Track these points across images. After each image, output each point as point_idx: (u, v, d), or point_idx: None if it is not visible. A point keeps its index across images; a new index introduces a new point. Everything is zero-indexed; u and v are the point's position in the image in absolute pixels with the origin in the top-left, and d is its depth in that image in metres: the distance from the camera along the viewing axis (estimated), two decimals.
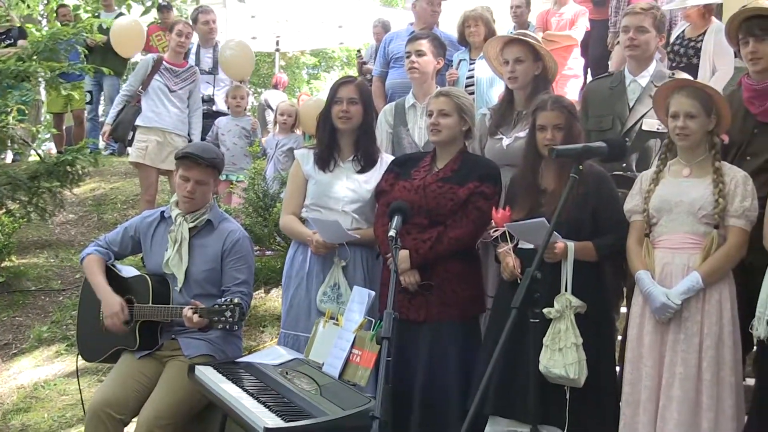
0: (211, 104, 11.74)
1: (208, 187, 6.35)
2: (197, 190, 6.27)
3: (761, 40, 5.98)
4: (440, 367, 5.90)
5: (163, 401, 5.97)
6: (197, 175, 6.26)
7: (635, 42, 6.60)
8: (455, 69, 9.74)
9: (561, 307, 5.55)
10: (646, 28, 6.60)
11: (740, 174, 5.56)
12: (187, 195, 6.26)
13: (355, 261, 6.35)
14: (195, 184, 6.25)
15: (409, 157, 6.53)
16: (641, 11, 6.69)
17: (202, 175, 6.28)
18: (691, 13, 9.05)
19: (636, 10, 6.75)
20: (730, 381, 5.41)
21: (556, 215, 4.93)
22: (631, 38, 6.61)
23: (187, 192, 6.26)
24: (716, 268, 5.45)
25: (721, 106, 5.63)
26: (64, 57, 12.02)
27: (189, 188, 6.25)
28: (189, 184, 6.25)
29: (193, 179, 6.24)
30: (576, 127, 5.88)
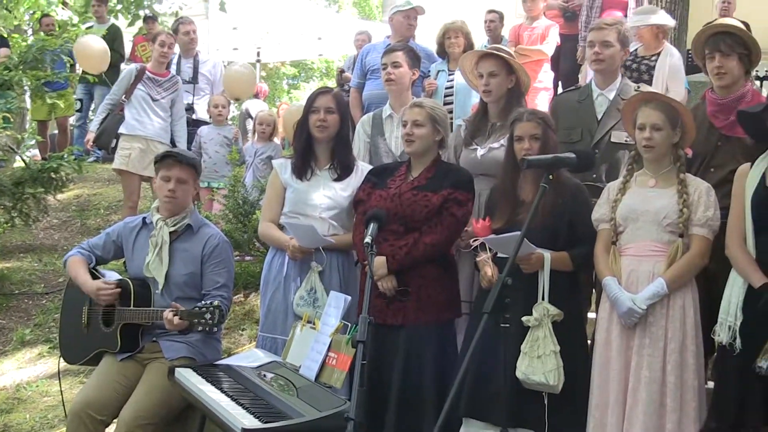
0: (191, 113, 11.73)
1: (188, 186, 6.36)
2: (178, 188, 6.27)
3: (726, 56, 6.07)
4: (416, 369, 5.92)
5: (143, 403, 5.95)
6: (178, 173, 6.27)
7: (600, 56, 6.66)
8: (434, 79, 9.79)
9: (539, 316, 5.61)
10: (610, 43, 6.65)
11: (704, 185, 5.64)
12: (169, 194, 6.27)
13: (331, 266, 6.36)
14: (176, 182, 6.26)
15: (385, 167, 6.55)
16: (606, 26, 6.76)
17: (182, 173, 6.29)
18: (644, 33, 9.10)
19: (601, 25, 6.83)
20: (693, 384, 5.49)
21: (526, 224, 4.98)
22: (597, 53, 6.66)
23: (169, 191, 6.26)
24: (680, 275, 5.51)
25: (686, 119, 5.71)
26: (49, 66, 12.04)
27: (171, 186, 6.25)
28: (170, 183, 6.25)
29: (174, 178, 6.25)
30: (552, 137, 5.94)
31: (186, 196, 6.37)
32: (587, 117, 6.61)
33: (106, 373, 6.18)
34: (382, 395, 5.91)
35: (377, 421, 5.91)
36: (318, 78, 35.90)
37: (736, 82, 6.17)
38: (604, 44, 6.65)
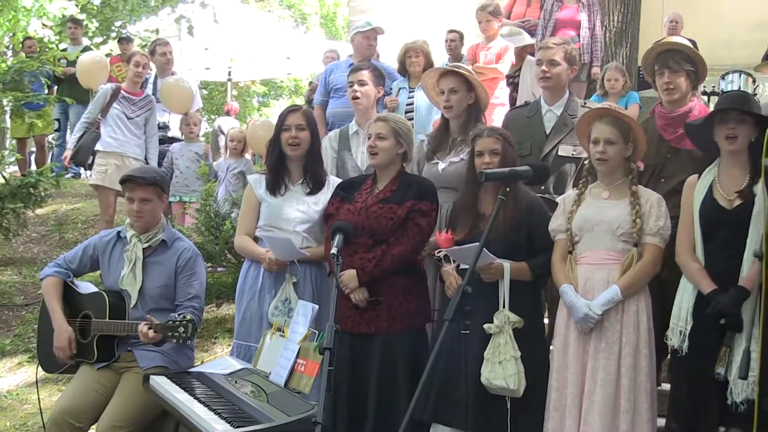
0: (166, 130, 11.79)
1: (153, 203, 6.34)
2: (143, 208, 6.27)
3: (675, 72, 6.15)
4: (392, 376, 5.93)
5: (119, 410, 5.97)
6: (140, 194, 6.26)
7: (548, 74, 6.71)
8: (395, 96, 9.81)
9: (500, 323, 5.63)
10: (557, 62, 6.70)
11: (655, 196, 5.69)
12: (135, 214, 6.28)
13: (305, 277, 6.35)
14: (140, 202, 6.26)
15: (352, 181, 6.55)
16: (553, 45, 6.83)
17: (144, 194, 6.28)
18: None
19: (548, 44, 6.90)
20: (645, 386, 5.53)
21: (484, 235, 4.99)
22: (544, 71, 6.71)
23: (135, 211, 6.28)
24: (633, 282, 5.55)
25: (638, 133, 5.76)
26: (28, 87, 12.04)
27: (135, 207, 6.26)
28: (135, 204, 6.26)
29: (137, 199, 6.25)
30: (511, 153, 5.97)
31: (153, 213, 6.36)
32: (536, 132, 6.65)
33: (84, 382, 6.17)
34: (360, 402, 5.94)
35: (356, 427, 5.93)
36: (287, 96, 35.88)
37: (684, 97, 6.25)
38: (551, 63, 6.70)
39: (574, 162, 6.41)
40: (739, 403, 5.13)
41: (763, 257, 4.92)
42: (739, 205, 5.39)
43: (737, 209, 5.39)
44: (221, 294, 8.79)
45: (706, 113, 6.06)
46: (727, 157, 5.53)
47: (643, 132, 5.83)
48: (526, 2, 12.38)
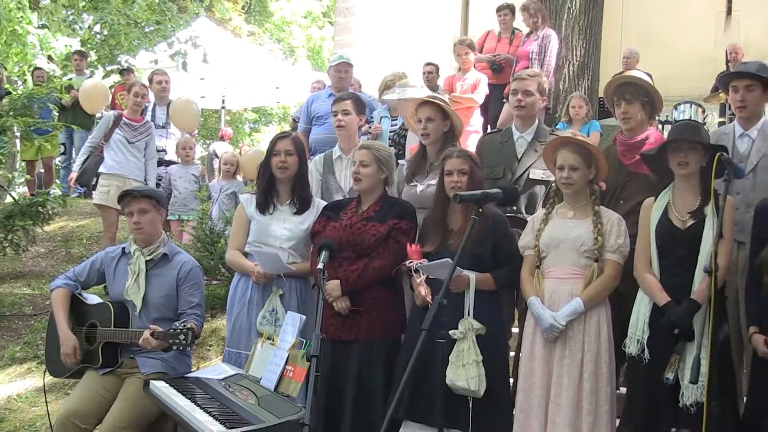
0: (164, 154, 11.81)
1: (151, 214, 6.34)
2: (142, 219, 6.27)
3: (630, 102, 6.21)
4: (368, 379, 5.96)
5: (122, 413, 5.98)
6: (137, 205, 6.27)
7: (522, 103, 6.72)
8: (378, 124, 9.84)
9: (464, 330, 5.64)
10: (531, 92, 6.72)
11: (615, 216, 5.74)
12: (135, 226, 6.28)
13: (290, 290, 6.37)
14: (138, 214, 6.26)
15: (338, 203, 6.59)
16: (528, 77, 6.85)
17: (141, 204, 6.28)
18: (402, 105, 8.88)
19: (523, 76, 6.91)
20: (606, 390, 5.57)
21: (459, 253, 5.03)
22: (519, 100, 6.72)
23: (134, 223, 6.28)
24: (595, 295, 5.59)
25: (599, 159, 5.80)
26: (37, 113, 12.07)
27: (135, 219, 6.27)
28: (134, 216, 6.27)
29: (135, 211, 6.26)
30: (477, 173, 5.99)
31: (152, 224, 6.36)
32: (508, 156, 6.66)
33: (89, 386, 6.18)
34: (338, 402, 5.95)
35: (334, 426, 5.93)
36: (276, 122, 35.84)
37: (640, 126, 6.30)
38: (526, 93, 6.72)
39: (544, 184, 6.43)
40: (689, 405, 5.18)
41: (712, 272, 4.98)
42: (692, 225, 5.44)
43: (690, 229, 5.44)
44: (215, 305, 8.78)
45: (661, 140, 6.13)
46: (680, 182, 5.58)
47: (603, 157, 5.88)
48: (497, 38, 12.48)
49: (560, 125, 10.67)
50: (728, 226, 5.41)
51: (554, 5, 11.57)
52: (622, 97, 6.30)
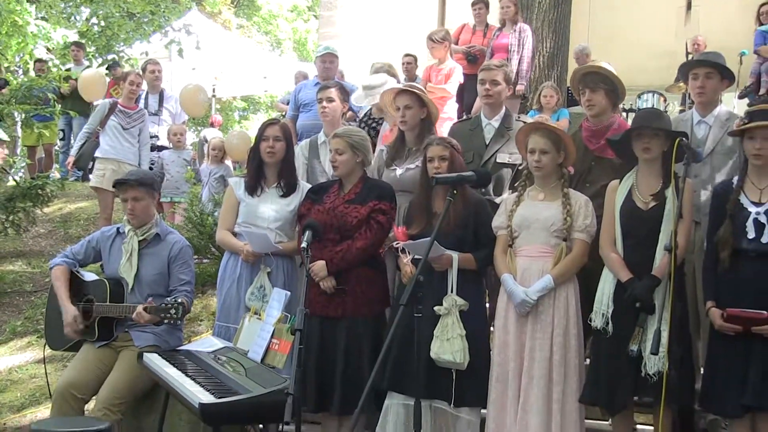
0: (156, 140, 11.76)
1: (145, 201, 6.38)
2: (136, 206, 6.32)
3: (594, 90, 6.23)
4: (355, 353, 5.97)
5: (117, 383, 6.05)
6: (132, 193, 6.31)
7: (490, 92, 6.73)
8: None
9: (448, 306, 5.67)
10: (498, 81, 6.74)
11: (583, 198, 5.76)
12: (130, 212, 6.33)
13: (277, 268, 6.36)
14: (132, 201, 6.31)
15: (321, 186, 6.56)
16: (495, 67, 6.87)
17: (136, 193, 6.33)
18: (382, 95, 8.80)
19: (490, 66, 6.93)
20: (574, 362, 5.60)
21: (435, 231, 5.10)
22: (487, 89, 6.73)
23: (129, 209, 6.33)
24: (564, 272, 5.61)
25: (567, 144, 5.81)
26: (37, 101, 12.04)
27: (129, 206, 6.32)
28: (128, 203, 6.31)
29: (129, 198, 6.31)
30: (458, 159, 5.99)
31: (145, 210, 6.39)
32: (477, 142, 6.67)
33: (86, 359, 6.23)
34: (329, 376, 5.96)
35: (326, 397, 5.96)
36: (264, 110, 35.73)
37: (604, 112, 6.31)
38: (493, 82, 6.73)
39: (510, 167, 6.47)
40: (651, 374, 5.21)
41: (672, 250, 5.00)
42: (654, 207, 5.47)
43: (652, 210, 5.47)
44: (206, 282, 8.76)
45: (625, 127, 6.14)
46: (643, 166, 5.60)
47: (572, 142, 5.89)
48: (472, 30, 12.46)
49: (532, 113, 10.69)
50: (687, 207, 5.45)
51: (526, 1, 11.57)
52: (586, 86, 6.31)
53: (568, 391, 5.54)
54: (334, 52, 10.30)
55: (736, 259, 5.32)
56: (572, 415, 5.54)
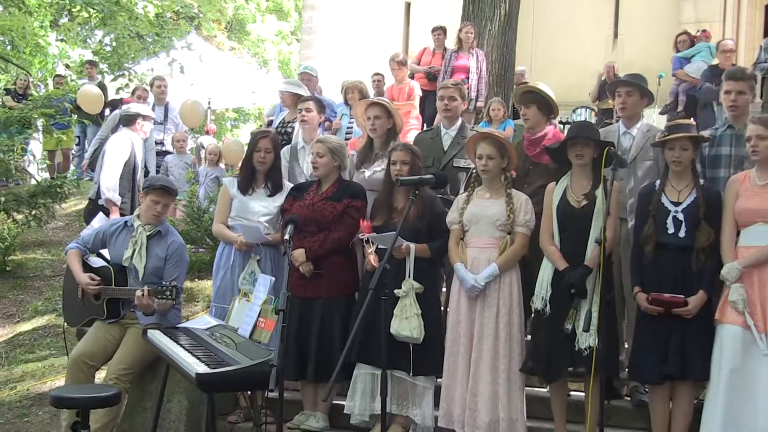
0: (161, 145, 11.73)
1: (169, 207, 6.47)
2: (164, 211, 6.34)
3: (528, 106, 6.33)
4: (328, 329, 6.01)
5: (125, 357, 6.10)
6: (166, 200, 6.32)
7: (448, 107, 6.73)
8: (339, 119, 10.00)
9: (406, 288, 5.69)
10: (455, 97, 6.75)
11: (523, 197, 5.78)
12: (156, 214, 6.27)
13: (266, 256, 6.36)
14: (163, 206, 6.29)
15: (302, 185, 6.57)
16: (452, 86, 6.90)
17: (169, 200, 6.38)
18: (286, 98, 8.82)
19: (448, 85, 6.97)
20: (517, 337, 5.65)
21: (400, 226, 5.10)
22: (445, 104, 6.74)
23: (158, 212, 6.27)
24: (508, 261, 5.63)
25: (511, 151, 5.84)
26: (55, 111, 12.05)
27: (159, 209, 6.27)
28: (159, 206, 6.26)
29: (162, 203, 6.27)
30: (418, 163, 6.01)
31: (166, 214, 6.46)
32: (437, 149, 6.67)
33: (96, 333, 6.25)
34: (305, 349, 6.00)
35: (302, 368, 6.01)
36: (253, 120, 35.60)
37: (538, 125, 6.36)
38: (450, 98, 6.74)
39: (465, 171, 6.46)
40: (583, 349, 5.25)
41: (601, 243, 5.05)
42: (585, 205, 5.49)
43: (584, 208, 5.49)
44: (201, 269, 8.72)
45: (558, 137, 6.26)
46: (576, 170, 5.61)
47: (514, 150, 5.93)
48: (432, 53, 12.49)
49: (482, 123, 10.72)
50: (614, 206, 5.48)
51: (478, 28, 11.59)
52: (522, 103, 6.41)
53: (512, 363, 5.57)
54: (311, 71, 10.42)
55: (658, 251, 5.35)
56: (516, 384, 5.58)
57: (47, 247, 10.97)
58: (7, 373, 7.84)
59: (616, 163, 5.32)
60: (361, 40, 19.24)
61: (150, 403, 6.26)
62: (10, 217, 10.24)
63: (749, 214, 5.17)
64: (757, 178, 5.24)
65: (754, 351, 5.01)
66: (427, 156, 6.53)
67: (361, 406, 5.88)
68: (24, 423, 6.95)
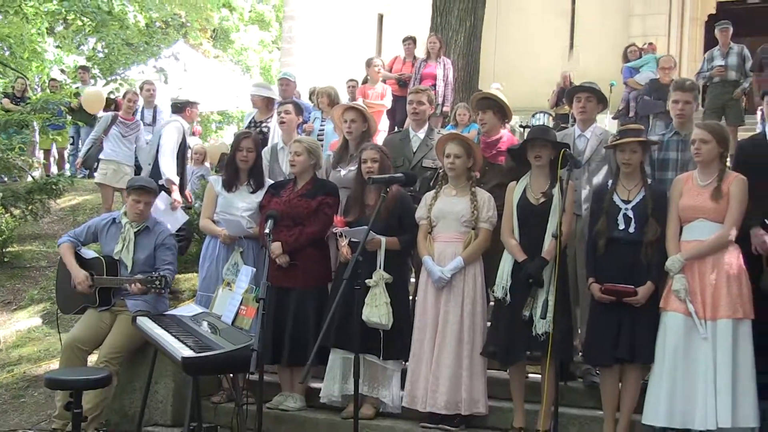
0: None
1: (150, 204, 6.37)
2: (145, 209, 6.28)
3: (484, 111, 6.40)
4: (303, 317, 6.02)
5: (115, 341, 6.05)
6: (147, 198, 6.29)
7: (416, 111, 6.73)
8: (311, 123, 9.94)
9: (377, 279, 5.68)
10: (423, 102, 6.74)
11: (486, 194, 5.80)
12: (139, 212, 6.25)
13: (248, 248, 6.36)
14: (144, 205, 6.26)
15: (279, 183, 6.57)
16: (421, 91, 6.89)
17: (150, 198, 6.33)
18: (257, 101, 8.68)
19: (418, 90, 6.97)
20: (480, 324, 5.68)
21: (372, 220, 5.09)
22: (414, 108, 6.74)
23: (140, 210, 6.25)
24: (472, 254, 5.66)
25: (476, 152, 5.85)
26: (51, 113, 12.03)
27: (141, 207, 6.24)
28: (141, 205, 6.24)
29: (143, 201, 6.25)
30: (386, 162, 6.01)
31: (149, 211, 6.38)
32: (407, 150, 6.67)
33: (89, 320, 6.20)
34: (280, 334, 6.00)
35: (277, 352, 6.01)
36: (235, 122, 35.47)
37: (494, 129, 6.45)
38: (419, 103, 6.73)
39: (432, 170, 6.46)
40: (540, 334, 5.29)
41: (558, 237, 5.08)
42: (543, 202, 5.51)
43: (541, 205, 5.51)
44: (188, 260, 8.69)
45: (512, 140, 6.42)
46: (535, 170, 5.63)
47: (479, 150, 5.95)
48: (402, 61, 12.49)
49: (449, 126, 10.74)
50: (569, 203, 5.51)
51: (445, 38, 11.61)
52: (479, 108, 6.47)
53: (474, 348, 5.60)
54: (290, 77, 10.39)
55: (610, 245, 5.38)
56: (478, 367, 5.62)
57: (43, 240, 10.86)
58: (5, 357, 7.78)
59: (571, 164, 5.40)
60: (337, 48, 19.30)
61: (139, 384, 6.24)
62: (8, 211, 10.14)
63: (692, 211, 5.23)
64: (699, 179, 5.30)
65: (695, 336, 5.07)
66: (397, 156, 6.53)
67: (336, 388, 5.90)
68: (20, 403, 6.92)
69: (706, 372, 5.01)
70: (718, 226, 5.16)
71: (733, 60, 11.20)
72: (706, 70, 11.37)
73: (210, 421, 5.97)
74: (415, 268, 6.36)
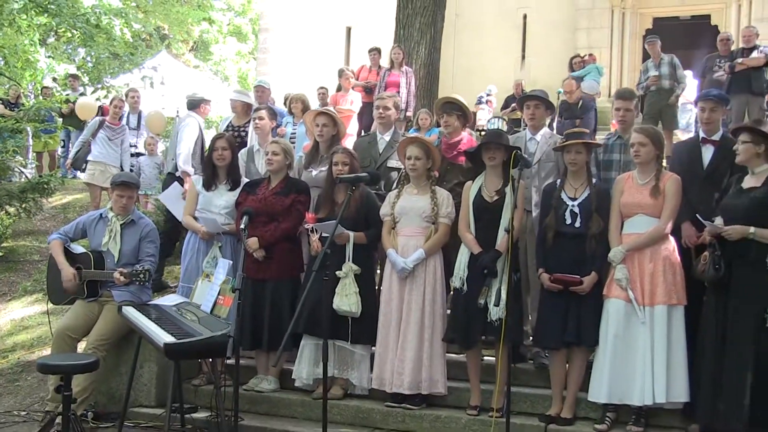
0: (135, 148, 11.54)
1: (133, 199, 6.30)
2: (129, 204, 6.19)
3: (450, 114, 6.36)
4: (278, 306, 5.99)
5: (102, 329, 5.98)
6: (129, 192, 6.20)
7: (382, 115, 6.72)
8: (284, 127, 9.90)
9: (346, 270, 5.70)
10: (389, 107, 6.73)
11: (445, 192, 5.81)
12: (123, 206, 6.16)
13: (226, 243, 6.32)
14: (128, 199, 6.18)
15: (254, 181, 6.52)
16: (386, 97, 6.91)
17: (132, 193, 6.25)
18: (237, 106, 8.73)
19: (383, 96, 6.99)
20: (440, 312, 5.68)
21: (339, 216, 5.05)
22: (380, 113, 6.72)
23: (124, 204, 6.16)
24: (432, 247, 5.66)
25: (435, 153, 5.86)
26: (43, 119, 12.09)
27: (125, 201, 6.15)
28: (124, 199, 6.15)
29: (126, 195, 6.16)
30: (355, 163, 6.01)
31: (132, 205, 6.28)
32: (373, 151, 6.65)
33: (77, 310, 6.13)
34: (259, 323, 5.98)
35: (257, 338, 6.01)
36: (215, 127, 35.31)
37: (456, 131, 6.41)
38: (385, 108, 6.72)
39: (397, 170, 6.44)
40: (494, 320, 5.31)
41: (510, 232, 5.10)
42: (497, 200, 5.53)
43: (495, 202, 5.53)
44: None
45: (471, 142, 6.39)
46: (489, 170, 5.64)
47: (438, 153, 5.96)
48: (369, 70, 12.54)
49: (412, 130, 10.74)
50: (521, 200, 5.53)
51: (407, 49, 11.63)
52: (443, 111, 6.45)
53: (435, 333, 5.62)
54: (265, 84, 10.44)
55: (558, 239, 5.40)
56: (438, 351, 5.63)
57: (35, 236, 10.76)
58: (0, 344, 7.70)
59: (522, 165, 5.43)
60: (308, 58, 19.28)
61: (125, 369, 6.16)
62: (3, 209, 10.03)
63: (632, 207, 5.27)
64: (639, 178, 5.34)
65: (634, 320, 5.13)
66: (365, 157, 6.52)
67: (307, 371, 5.90)
68: (15, 387, 6.87)
69: (644, 353, 5.07)
70: (655, 221, 5.22)
71: (665, 69, 11.34)
72: (643, 80, 11.51)
73: (191, 403, 5.96)
74: (380, 260, 6.36)
